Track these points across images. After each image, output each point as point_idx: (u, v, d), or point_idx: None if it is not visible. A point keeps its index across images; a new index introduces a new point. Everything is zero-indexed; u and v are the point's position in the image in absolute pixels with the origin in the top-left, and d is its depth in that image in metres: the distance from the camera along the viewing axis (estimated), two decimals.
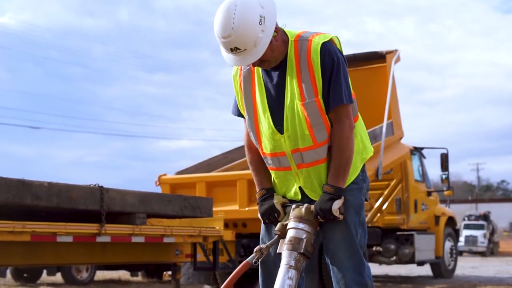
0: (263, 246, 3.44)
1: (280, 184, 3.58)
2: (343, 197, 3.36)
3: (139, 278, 15.15)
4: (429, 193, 13.66)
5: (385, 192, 12.68)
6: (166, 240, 7.17)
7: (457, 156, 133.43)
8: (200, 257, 8.10)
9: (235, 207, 9.44)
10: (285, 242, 3.35)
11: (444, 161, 13.36)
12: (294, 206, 3.44)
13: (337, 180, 3.35)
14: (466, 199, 59.35)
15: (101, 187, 6.40)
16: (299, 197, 3.51)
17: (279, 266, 3.34)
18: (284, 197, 3.57)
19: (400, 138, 12.39)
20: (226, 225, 8.37)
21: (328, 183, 3.37)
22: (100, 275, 15.50)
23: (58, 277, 13.78)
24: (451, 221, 14.70)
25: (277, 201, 3.54)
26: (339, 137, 3.35)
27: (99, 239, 6.43)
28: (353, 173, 3.46)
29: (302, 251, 3.30)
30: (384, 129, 10.99)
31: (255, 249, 3.43)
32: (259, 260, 3.43)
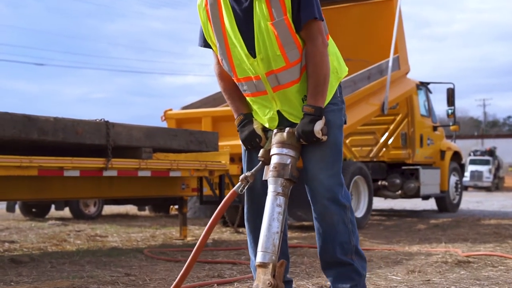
0: (248, 174, 3.43)
1: (257, 111, 3.55)
2: (324, 117, 3.33)
3: (146, 212, 15.30)
4: (435, 128, 13.65)
5: (391, 127, 12.70)
6: (172, 174, 7.22)
7: (464, 92, 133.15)
8: (206, 191, 8.17)
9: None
10: (270, 169, 3.34)
11: (451, 95, 13.32)
12: (275, 130, 3.42)
13: (316, 99, 3.32)
14: (472, 135, 59.36)
15: (107, 121, 6.41)
16: (276, 123, 3.47)
17: (265, 193, 3.34)
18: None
19: (406, 73, 12.33)
20: (232, 160, 8.40)
21: (307, 104, 3.33)
22: (108, 209, 15.67)
23: (66, 212, 13.94)
24: (456, 156, 14.74)
25: (257, 126, 3.52)
26: (313, 55, 3.31)
27: (106, 174, 6.47)
28: (330, 92, 3.42)
29: (288, 176, 3.29)
30: (390, 64, 10.94)
31: (240, 178, 3.43)
32: (245, 188, 3.44)
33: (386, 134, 12.73)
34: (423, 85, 13.40)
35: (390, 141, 12.71)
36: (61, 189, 6.81)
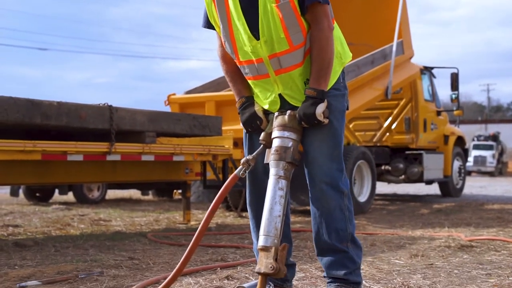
0: (249, 157, 3.41)
1: (259, 94, 3.53)
2: (326, 100, 3.31)
3: (149, 197, 15.32)
4: (438, 113, 13.63)
5: (395, 112, 12.68)
6: (175, 158, 7.22)
7: (468, 77, 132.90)
8: (210, 175, 8.18)
9: None
10: (271, 152, 3.32)
11: (454, 80, 13.28)
12: (277, 113, 3.40)
13: (319, 82, 3.29)
14: (476, 120, 59.25)
15: (110, 106, 6.41)
16: (277, 106, 3.46)
17: (267, 176, 3.33)
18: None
19: (410, 58, 12.29)
20: (235, 144, 8.38)
21: (310, 87, 3.31)
22: (111, 194, 15.71)
23: (70, 196, 13.96)
24: (460, 140, 14.73)
25: (258, 108, 3.51)
26: (318, 39, 3.28)
27: (109, 158, 6.47)
28: (333, 77, 3.40)
29: (289, 160, 3.27)
30: (394, 48, 10.91)
31: (241, 161, 3.41)
32: (247, 172, 3.42)
33: (390, 118, 12.72)
34: (427, 70, 13.37)
35: (393, 126, 12.70)
36: (65, 174, 6.82)
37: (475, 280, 4.18)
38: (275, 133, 3.35)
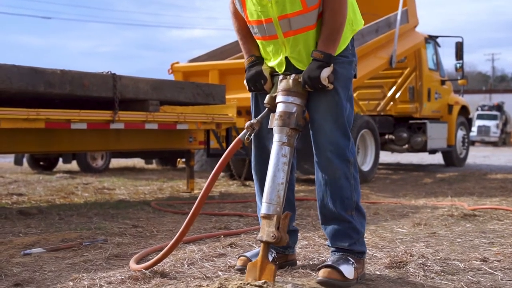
0: (254, 121, 3.36)
1: (265, 55, 3.48)
2: (332, 65, 3.25)
3: (153, 165, 15.36)
4: (442, 82, 13.58)
5: (399, 81, 12.65)
6: (179, 127, 7.21)
7: (472, 46, 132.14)
8: (213, 144, 8.17)
9: (248, 94, 9.41)
10: (275, 117, 3.26)
11: (459, 49, 13.22)
12: (281, 77, 3.33)
13: (327, 46, 3.22)
14: (480, 90, 59.05)
15: (114, 74, 6.39)
16: (283, 69, 3.39)
17: (272, 140, 3.29)
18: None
19: (415, 26, 12.22)
20: (239, 113, 8.38)
21: (318, 49, 3.24)
22: (115, 163, 15.74)
23: (74, 165, 13.99)
24: (464, 110, 14.70)
25: (265, 67, 3.45)
26: (332, 1, 3.20)
27: (113, 126, 6.47)
28: (342, 43, 3.33)
29: (293, 126, 3.21)
30: (398, 17, 10.85)
31: (246, 125, 3.36)
32: (252, 136, 3.38)
33: (394, 88, 12.69)
34: (431, 39, 13.30)
35: (397, 95, 12.67)
36: (68, 142, 6.82)
37: (477, 249, 4.20)
38: (279, 97, 3.29)
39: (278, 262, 3.49)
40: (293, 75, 3.29)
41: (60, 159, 13.68)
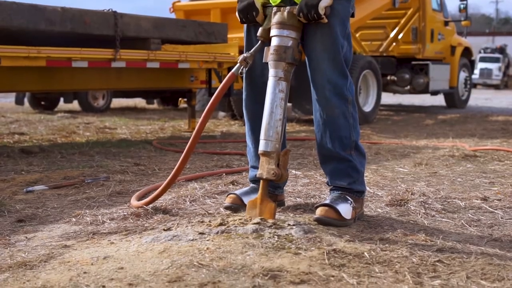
0: (247, 54, 3.27)
1: None
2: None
3: (154, 105, 15.35)
4: (446, 23, 13.45)
5: (402, 21, 12.50)
6: (181, 66, 7.17)
7: None
8: (215, 83, 8.13)
9: None
10: (270, 51, 3.16)
11: None
12: (275, 9, 3.20)
13: None
14: (483, 32, 58.56)
15: (115, 12, 6.34)
16: (278, 1, 3.27)
17: (266, 75, 3.20)
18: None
19: None
20: (241, 52, 8.31)
21: None
22: (116, 102, 15.73)
23: (75, 105, 13.99)
24: (467, 51, 14.60)
25: None
26: None
27: (114, 65, 6.43)
28: None
29: (289, 60, 3.12)
30: None
31: (239, 59, 3.27)
32: (245, 70, 3.31)
33: (397, 28, 12.56)
34: None
35: (400, 36, 12.55)
36: (70, 81, 6.81)
37: (478, 188, 4.22)
38: (274, 31, 3.17)
39: None
40: (288, 8, 3.17)
41: (61, 99, 13.66)
